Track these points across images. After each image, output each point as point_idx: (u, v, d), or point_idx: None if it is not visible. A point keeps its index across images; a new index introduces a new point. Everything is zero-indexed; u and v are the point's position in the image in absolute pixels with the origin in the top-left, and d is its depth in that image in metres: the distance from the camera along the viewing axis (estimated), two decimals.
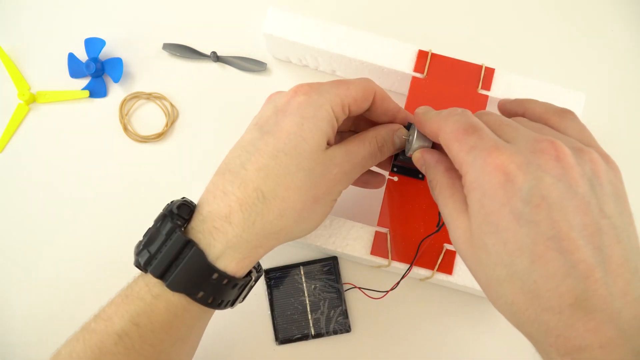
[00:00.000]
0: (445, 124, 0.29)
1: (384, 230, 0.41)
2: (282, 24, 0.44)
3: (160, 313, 0.30)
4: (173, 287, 0.30)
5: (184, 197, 0.33)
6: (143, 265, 0.31)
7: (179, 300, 0.30)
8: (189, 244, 0.30)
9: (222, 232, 0.31)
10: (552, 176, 0.25)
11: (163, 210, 0.32)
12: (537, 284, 0.24)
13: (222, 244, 0.31)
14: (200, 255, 0.30)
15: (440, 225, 0.39)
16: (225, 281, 0.31)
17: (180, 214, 0.31)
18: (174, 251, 0.30)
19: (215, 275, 0.30)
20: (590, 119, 0.48)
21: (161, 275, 0.30)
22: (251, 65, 0.50)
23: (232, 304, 0.34)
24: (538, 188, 0.25)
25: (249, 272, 0.34)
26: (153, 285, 0.31)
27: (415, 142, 0.34)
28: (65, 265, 0.46)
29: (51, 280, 0.46)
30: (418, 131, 0.34)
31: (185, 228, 0.32)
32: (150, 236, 0.31)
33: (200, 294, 0.30)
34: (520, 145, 0.27)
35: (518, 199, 0.25)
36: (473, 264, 0.28)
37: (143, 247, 0.31)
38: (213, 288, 0.31)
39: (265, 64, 0.50)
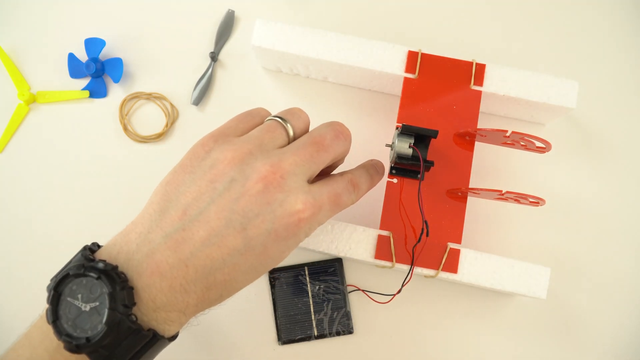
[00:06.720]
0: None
1: (386, 233, 0.41)
2: (271, 35, 0.44)
3: None
4: None
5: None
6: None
7: None
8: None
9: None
10: None
11: (109, 306, 0.28)
12: None
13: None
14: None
15: (426, 230, 0.39)
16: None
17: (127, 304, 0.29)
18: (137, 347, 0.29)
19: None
20: (584, 107, 0.49)
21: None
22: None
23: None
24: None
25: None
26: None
27: (399, 143, 0.39)
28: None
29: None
30: (400, 134, 0.39)
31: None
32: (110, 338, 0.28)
33: None
34: None
35: None
36: None
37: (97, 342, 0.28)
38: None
39: None
